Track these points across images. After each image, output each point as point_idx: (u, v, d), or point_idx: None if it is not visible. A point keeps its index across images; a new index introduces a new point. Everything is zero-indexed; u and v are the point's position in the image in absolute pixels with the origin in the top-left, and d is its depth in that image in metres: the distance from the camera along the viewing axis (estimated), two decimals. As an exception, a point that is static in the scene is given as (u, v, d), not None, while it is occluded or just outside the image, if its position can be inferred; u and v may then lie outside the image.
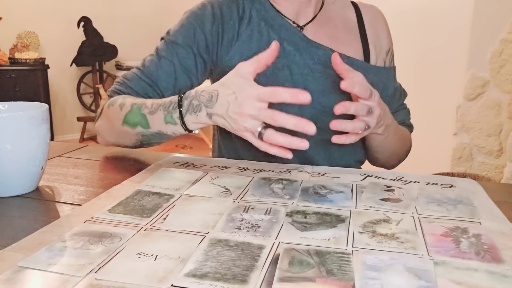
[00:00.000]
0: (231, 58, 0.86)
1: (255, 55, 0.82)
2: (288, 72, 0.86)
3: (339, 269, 0.43)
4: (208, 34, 0.86)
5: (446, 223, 0.55)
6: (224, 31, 0.87)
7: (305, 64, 0.86)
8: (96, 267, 0.43)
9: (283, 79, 0.85)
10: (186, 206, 0.58)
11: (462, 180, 0.72)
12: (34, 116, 0.61)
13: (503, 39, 2.01)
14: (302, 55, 0.87)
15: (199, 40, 0.86)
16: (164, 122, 0.71)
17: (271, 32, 0.87)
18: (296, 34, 0.88)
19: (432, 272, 0.43)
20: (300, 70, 0.86)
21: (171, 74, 0.86)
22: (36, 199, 0.62)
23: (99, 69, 4.38)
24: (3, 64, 3.63)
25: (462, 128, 2.22)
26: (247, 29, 0.87)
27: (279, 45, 0.66)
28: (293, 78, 0.86)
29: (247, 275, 0.42)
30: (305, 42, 0.87)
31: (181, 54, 0.86)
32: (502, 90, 2.05)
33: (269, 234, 0.51)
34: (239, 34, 0.87)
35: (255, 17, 0.88)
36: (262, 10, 0.89)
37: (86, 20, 4.18)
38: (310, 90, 0.80)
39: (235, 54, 0.86)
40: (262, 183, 0.68)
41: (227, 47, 0.87)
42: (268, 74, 0.83)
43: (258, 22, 0.88)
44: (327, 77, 0.86)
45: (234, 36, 0.87)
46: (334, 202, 0.61)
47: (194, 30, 0.86)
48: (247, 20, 0.88)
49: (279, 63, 0.85)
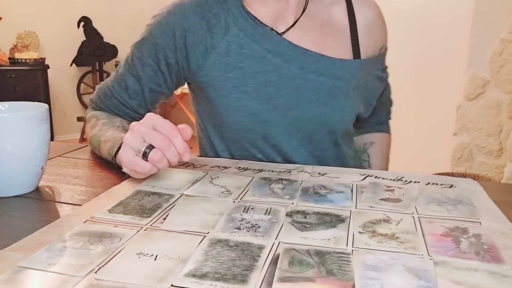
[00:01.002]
0: (206, 73, 0.80)
1: (236, 70, 0.78)
2: (273, 87, 0.79)
3: (339, 269, 0.43)
4: (172, 50, 0.79)
5: (446, 223, 0.55)
6: (193, 44, 0.79)
7: (294, 75, 0.79)
8: (96, 267, 0.43)
9: (267, 96, 0.79)
10: (186, 206, 0.58)
11: (462, 180, 0.72)
12: (34, 116, 0.61)
13: (503, 39, 2.01)
14: (290, 66, 0.79)
15: (165, 57, 0.80)
16: (108, 153, 0.74)
17: (252, 44, 0.79)
18: (281, 42, 0.79)
19: (432, 272, 0.43)
20: (289, 83, 0.79)
21: (139, 93, 0.84)
22: (36, 199, 0.62)
23: (99, 69, 4.38)
24: (3, 64, 3.63)
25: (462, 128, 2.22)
26: (224, 41, 0.78)
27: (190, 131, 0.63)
28: (281, 92, 0.79)
29: (247, 275, 0.42)
30: (292, 50, 0.79)
31: (147, 71, 0.82)
32: (502, 90, 2.05)
33: (269, 234, 0.51)
34: (213, 46, 0.79)
35: (233, 26, 0.79)
36: (239, 17, 0.79)
37: (86, 20, 4.18)
38: (302, 103, 0.80)
39: (210, 68, 0.79)
40: (262, 183, 0.68)
41: (200, 61, 0.79)
42: (250, 91, 0.79)
43: (236, 33, 0.79)
44: (321, 85, 0.80)
45: (207, 49, 0.79)
46: (334, 202, 0.61)
47: (157, 46, 0.80)
48: (223, 29, 0.79)
49: (262, 79, 0.79)
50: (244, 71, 0.79)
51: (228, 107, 0.80)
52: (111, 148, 0.72)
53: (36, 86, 3.71)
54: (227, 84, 0.79)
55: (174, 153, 0.60)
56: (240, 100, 0.79)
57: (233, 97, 0.79)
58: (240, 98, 0.79)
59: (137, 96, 0.84)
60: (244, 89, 0.79)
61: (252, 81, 0.79)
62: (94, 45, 4.20)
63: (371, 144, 0.96)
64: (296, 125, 0.81)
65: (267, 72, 0.79)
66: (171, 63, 0.81)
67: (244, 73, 0.78)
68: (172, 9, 0.80)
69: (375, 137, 0.98)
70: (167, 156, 0.60)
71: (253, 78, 0.79)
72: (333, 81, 0.80)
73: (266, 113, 0.79)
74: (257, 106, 0.79)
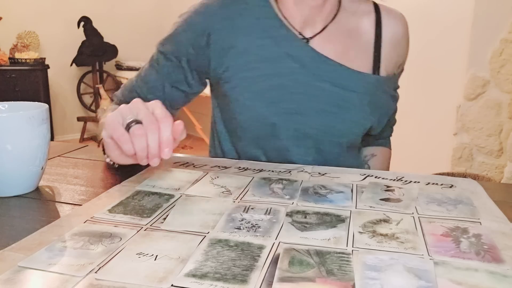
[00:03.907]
0: (225, 70, 0.80)
1: (253, 70, 0.79)
2: (285, 91, 0.79)
3: (339, 269, 0.43)
4: (197, 47, 0.80)
5: (446, 223, 0.55)
6: (216, 42, 0.80)
7: (308, 82, 0.79)
8: (96, 267, 0.43)
9: (278, 99, 0.79)
10: (186, 206, 0.58)
11: (462, 180, 0.72)
12: (34, 116, 0.61)
13: (503, 39, 2.01)
14: (307, 72, 0.79)
15: (186, 54, 0.81)
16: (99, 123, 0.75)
17: (273, 46, 0.79)
18: (303, 48, 0.79)
19: (432, 272, 0.43)
20: (301, 89, 0.79)
21: (159, 88, 0.84)
22: (36, 199, 0.62)
23: (99, 69, 4.38)
24: (3, 64, 3.63)
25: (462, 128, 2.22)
26: (245, 40, 0.79)
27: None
28: (291, 97, 0.79)
29: (247, 275, 0.42)
30: (311, 57, 0.79)
31: (170, 67, 0.83)
32: (503, 90, 2.04)
33: (269, 234, 0.51)
34: (233, 44, 0.79)
35: (255, 26, 0.79)
36: (262, 17, 0.80)
37: (86, 20, 4.18)
38: (310, 111, 0.80)
39: (230, 65, 0.80)
40: (262, 183, 0.68)
41: (220, 59, 0.80)
42: (263, 92, 0.79)
43: (258, 33, 0.79)
44: (332, 95, 0.80)
45: (228, 47, 0.80)
46: (334, 202, 0.61)
47: (180, 43, 0.81)
48: (246, 29, 0.79)
49: (276, 81, 0.79)
50: (260, 71, 0.79)
51: (240, 105, 0.81)
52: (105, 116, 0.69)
53: (36, 86, 3.71)
54: (242, 82, 0.80)
55: (155, 139, 0.55)
56: (251, 100, 0.80)
57: (246, 96, 0.80)
58: (252, 97, 0.79)
59: (156, 91, 0.84)
60: (257, 89, 0.79)
61: (265, 82, 0.79)
62: (94, 45, 4.20)
63: (372, 156, 0.96)
64: (303, 131, 0.81)
65: (282, 76, 0.79)
66: (192, 60, 0.82)
67: (259, 73, 0.79)
68: (199, 8, 0.82)
69: (376, 150, 0.98)
70: (148, 138, 0.55)
71: (267, 79, 0.79)
72: (346, 92, 0.80)
73: (274, 115, 0.80)
74: (266, 107, 0.79)
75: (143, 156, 0.56)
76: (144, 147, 0.55)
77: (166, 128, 0.56)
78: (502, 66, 2.02)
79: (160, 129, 0.55)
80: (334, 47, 0.81)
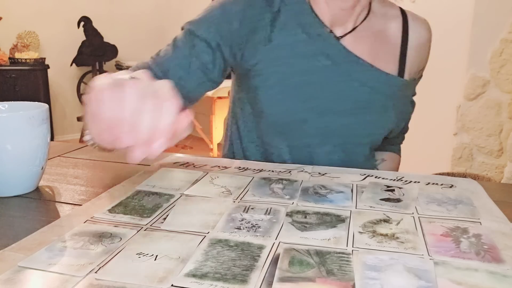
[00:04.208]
0: (257, 62, 0.79)
1: (286, 65, 0.79)
2: (316, 88, 0.80)
3: (339, 269, 0.43)
4: (234, 33, 0.78)
5: (446, 223, 0.55)
6: (254, 32, 0.78)
7: (339, 81, 0.80)
8: (96, 267, 0.43)
9: (308, 96, 0.80)
10: (186, 206, 0.58)
11: (462, 180, 0.72)
12: (34, 116, 0.61)
13: (503, 39, 2.01)
14: (338, 70, 0.80)
15: (223, 38, 0.78)
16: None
17: (307, 43, 0.79)
18: (336, 46, 0.80)
19: (432, 272, 0.43)
20: (332, 87, 0.80)
21: (184, 68, 0.77)
22: (36, 199, 0.62)
23: (99, 69, 4.38)
24: (3, 64, 3.63)
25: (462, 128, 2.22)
26: (281, 34, 0.79)
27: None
28: (322, 95, 0.80)
29: (247, 275, 0.42)
30: (344, 55, 0.80)
31: (200, 47, 0.77)
32: (503, 90, 2.04)
33: (269, 234, 0.50)
34: (270, 38, 0.79)
35: (291, 22, 0.79)
36: (299, 13, 0.80)
37: (86, 20, 4.18)
38: (339, 109, 0.80)
39: (263, 59, 0.79)
40: (262, 183, 0.68)
41: (255, 50, 0.79)
42: (295, 87, 0.79)
43: (293, 28, 0.79)
44: (361, 95, 0.81)
45: (264, 39, 0.79)
46: (334, 202, 0.61)
47: (218, 26, 0.78)
48: (282, 24, 0.79)
49: (307, 78, 0.79)
50: (293, 66, 0.79)
51: (270, 98, 0.80)
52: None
53: (36, 86, 3.70)
54: (274, 76, 0.79)
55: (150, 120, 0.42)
56: (282, 93, 0.79)
57: (276, 89, 0.79)
58: (283, 91, 0.79)
59: (180, 69, 0.77)
60: (289, 84, 0.79)
61: (297, 78, 0.79)
62: (94, 45, 4.20)
63: (382, 161, 0.97)
64: (331, 129, 0.81)
65: (314, 72, 0.79)
66: (224, 46, 0.78)
67: (292, 68, 0.79)
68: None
69: (387, 155, 0.98)
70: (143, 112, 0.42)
71: (299, 75, 0.79)
72: (374, 93, 0.81)
73: (303, 112, 0.80)
74: (296, 103, 0.80)
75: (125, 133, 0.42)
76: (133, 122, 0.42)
77: (169, 111, 0.43)
78: (502, 66, 2.02)
79: (162, 109, 0.42)
80: (363, 47, 0.82)
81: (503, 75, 2.03)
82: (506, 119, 2.03)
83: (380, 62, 0.82)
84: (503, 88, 2.04)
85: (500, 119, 2.06)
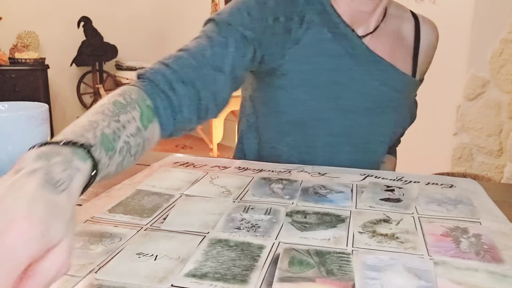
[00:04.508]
0: (286, 62, 0.77)
1: (312, 64, 0.78)
2: (341, 87, 0.79)
3: (339, 269, 0.43)
4: (268, 29, 0.73)
5: (446, 223, 0.55)
6: (285, 31, 0.75)
7: (362, 80, 0.80)
8: (96, 267, 0.43)
9: (335, 95, 0.79)
10: (186, 206, 0.58)
11: (462, 180, 0.72)
12: (34, 116, 0.61)
13: (503, 39, 2.01)
14: (361, 69, 0.80)
15: (256, 32, 0.72)
16: None
17: (333, 42, 0.78)
18: (359, 46, 0.79)
19: (432, 272, 0.43)
20: (356, 87, 0.80)
21: (227, 55, 0.68)
22: (36, 199, 0.62)
23: (99, 69, 4.38)
24: (3, 64, 3.63)
25: (462, 128, 2.22)
26: (308, 34, 0.77)
27: None
28: (347, 94, 0.79)
29: (247, 275, 0.42)
30: (367, 55, 0.80)
31: (235, 36, 0.70)
32: (502, 90, 2.04)
33: (269, 234, 0.51)
34: (298, 37, 0.76)
35: (316, 21, 0.78)
36: (323, 13, 0.78)
37: (86, 20, 4.18)
38: (362, 108, 0.81)
39: (291, 59, 0.77)
40: (262, 183, 0.68)
41: (283, 49, 0.76)
42: (320, 87, 0.78)
43: (319, 28, 0.78)
44: (383, 94, 0.81)
45: (294, 39, 0.76)
46: (334, 202, 0.61)
47: (252, 18, 0.72)
48: (307, 23, 0.77)
49: (333, 77, 0.79)
50: (319, 66, 0.78)
51: (294, 98, 0.79)
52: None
53: (36, 86, 3.70)
54: (299, 75, 0.78)
55: None
56: (308, 94, 0.78)
57: (302, 90, 0.78)
58: (309, 91, 0.79)
59: (223, 58, 0.68)
60: (315, 84, 0.79)
61: (323, 77, 0.78)
62: (94, 45, 4.19)
63: (382, 163, 0.97)
64: (354, 128, 0.81)
65: (339, 72, 0.79)
66: (258, 39, 0.72)
67: (318, 68, 0.78)
68: None
69: (386, 158, 0.99)
70: None
71: (325, 75, 0.79)
72: (394, 93, 0.82)
73: (328, 111, 0.80)
74: (322, 103, 0.79)
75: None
76: None
77: (24, 243, 0.29)
78: (502, 66, 2.02)
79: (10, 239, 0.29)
80: (383, 47, 0.83)
81: (503, 75, 2.03)
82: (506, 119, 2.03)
83: (398, 62, 0.83)
84: (503, 88, 2.04)
85: (500, 119, 2.06)
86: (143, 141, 0.52)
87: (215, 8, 4.11)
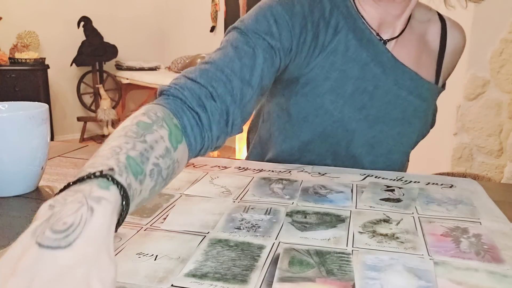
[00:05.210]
0: (311, 70, 0.73)
1: (339, 70, 0.73)
2: (368, 97, 0.75)
3: (339, 269, 0.43)
4: (295, 39, 0.69)
5: (446, 223, 0.55)
6: (312, 38, 0.71)
7: (389, 89, 0.76)
8: (96, 267, 0.43)
9: (361, 105, 0.75)
10: (186, 206, 0.58)
11: (462, 180, 0.72)
12: (34, 116, 0.61)
13: (503, 39, 2.01)
14: (387, 78, 0.76)
15: (283, 41, 0.67)
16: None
17: (359, 48, 0.74)
18: (384, 53, 0.76)
19: (432, 272, 0.43)
20: (383, 96, 0.76)
21: (255, 67, 0.63)
22: (36, 199, 0.62)
23: (99, 69, 4.38)
24: (3, 64, 3.63)
25: (462, 128, 2.22)
26: (334, 40, 0.73)
27: None
28: (373, 103, 0.76)
29: (247, 275, 0.42)
30: (392, 63, 0.76)
31: (263, 46, 0.65)
32: (503, 90, 2.04)
33: (269, 234, 0.51)
34: (325, 44, 0.73)
35: (343, 26, 0.74)
36: (349, 17, 0.74)
37: (86, 20, 4.18)
38: (389, 118, 0.78)
39: (316, 66, 0.73)
40: (262, 183, 0.68)
41: (310, 57, 0.72)
42: (346, 96, 0.75)
43: (345, 33, 0.74)
44: (409, 104, 0.78)
45: (320, 46, 0.72)
46: (334, 202, 0.61)
47: (279, 26, 0.67)
48: (333, 29, 0.73)
49: (360, 86, 0.75)
50: (345, 74, 0.74)
51: (319, 107, 0.75)
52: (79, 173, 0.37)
53: (36, 86, 3.70)
54: (325, 84, 0.74)
55: None
56: (334, 103, 0.75)
57: (328, 99, 0.74)
58: (335, 101, 0.75)
59: (251, 69, 0.63)
60: (341, 92, 0.75)
61: (350, 86, 0.75)
62: (94, 45, 4.19)
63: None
64: (379, 139, 0.78)
65: (366, 80, 0.75)
66: (287, 47, 0.68)
67: (345, 76, 0.74)
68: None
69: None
70: None
71: (352, 83, 0.75)
72: (420, 102, 0.79)
73: (355, 122, 0.76)
74: (349, 113, 0.76)
75: None
76: None
77: None
78: (502, 66, 2.02)
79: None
80: (408, 53, 0.80)
81: (503, 75, 2.03)
82: (506, 119, 2.03)
83: (422, 68, 0.80)
84: (503, 88, 2.04)
85: (500, 119, 2.06)
86: (172, 163, 0.46)
87: (215, 8, 4.11)
